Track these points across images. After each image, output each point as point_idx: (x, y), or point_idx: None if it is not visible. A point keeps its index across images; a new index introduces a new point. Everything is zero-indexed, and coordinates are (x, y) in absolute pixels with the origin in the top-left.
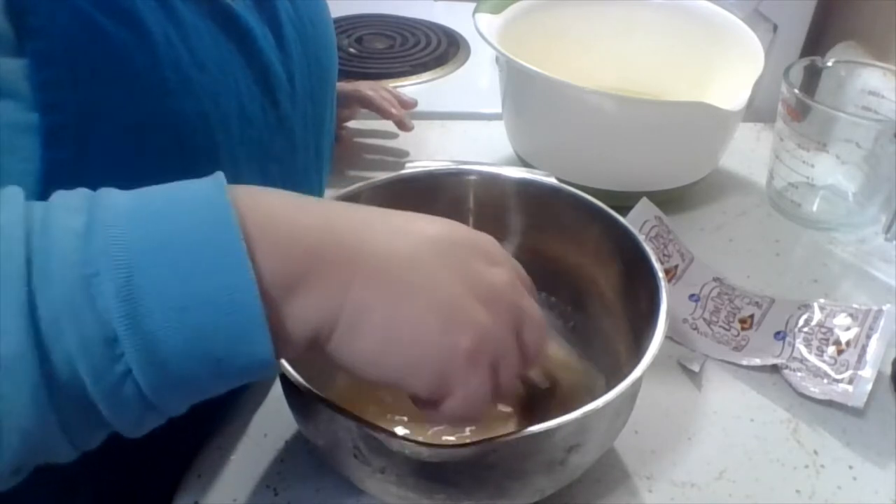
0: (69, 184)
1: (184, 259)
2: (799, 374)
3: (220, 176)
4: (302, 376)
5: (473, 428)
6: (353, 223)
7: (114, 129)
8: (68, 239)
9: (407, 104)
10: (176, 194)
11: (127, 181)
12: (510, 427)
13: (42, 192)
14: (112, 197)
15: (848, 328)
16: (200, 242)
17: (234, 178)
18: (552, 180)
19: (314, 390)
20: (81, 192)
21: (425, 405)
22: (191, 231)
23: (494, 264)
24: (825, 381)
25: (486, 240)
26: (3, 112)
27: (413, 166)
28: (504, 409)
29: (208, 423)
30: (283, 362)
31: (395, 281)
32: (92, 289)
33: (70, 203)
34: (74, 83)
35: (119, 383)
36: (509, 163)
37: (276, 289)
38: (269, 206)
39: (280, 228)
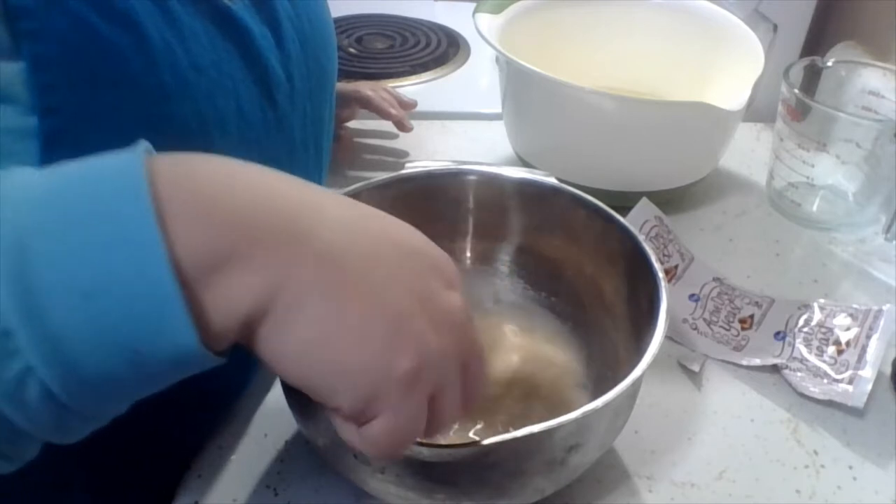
0: None
1: (85, 237)
2: (799, 374)
3: (141, 143)
4: None
5: (481, 426)
6: (307, 201)
7: (111, 132)
8: None
9: (407, 105)
10: (90, 165)
11: None
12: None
13: None
14: (18, 174)
15: (848, 328)
16: (103, 217)
17: None
18: (552, 180)
19: None
20: None
21: (344, 422)
22: (93, 204)
23: (451, 287)
24: (825, 381)
25: (445, 259)
26: (0, 117)
27: (413, 166)
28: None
29: (208, 423)
30: None
31: (342, 277)
32: None
33: None
34: (72, 87)
35: (19, 382)
36: (509, 163)
37: (197, 267)
38: (199, 174)
39: (206, 196)
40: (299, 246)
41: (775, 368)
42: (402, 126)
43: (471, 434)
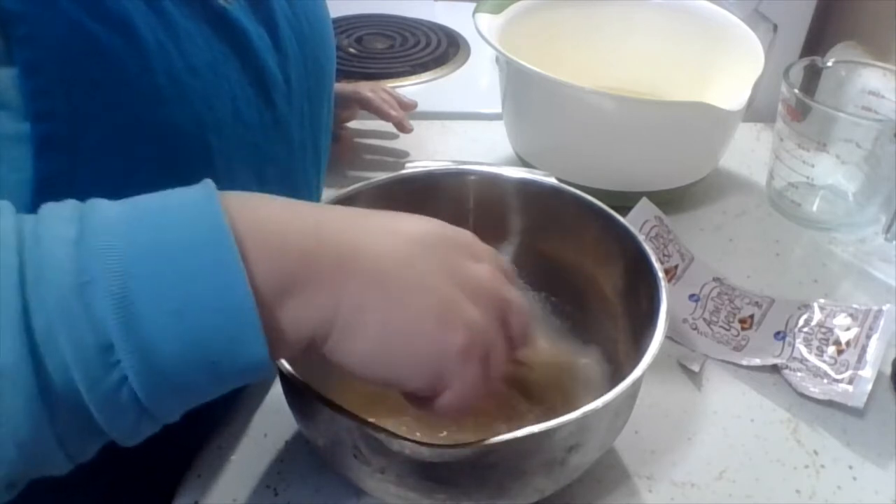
0: (63, 192)
1: (177, 265)
2: (799, 374)
3: (209, 183)
4: (302, 376)
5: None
6: (342, 225)
7: (106, 136)
8: (61, 248)
9: (406, 105)
10: (167, 202)
11: (121, 188)
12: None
13: (35, 201)
14: (102, 207)
15: (848, 328)
16: (194, 248)
17: (230, 181)
18: (552, 180)
19: (314, 390)
20: (71, 203)
21: (419, 402)
22: (184, 238)
23: (478, 260)
24: (825, 381)
25: (466, 236)
26: None
27: (413, 166)
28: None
29: (208, 423)
30: (283, 362)
31: (388, 282)
32: (86, 296)
33: (61, 214)
34: (66, 91)
35: (115, 391)
36: (509, 163)
37: (269, 292)
38: (259, 211)
39: (271, 232)
40: (346, 269)
41: (775, 368)
42: (402, 127)
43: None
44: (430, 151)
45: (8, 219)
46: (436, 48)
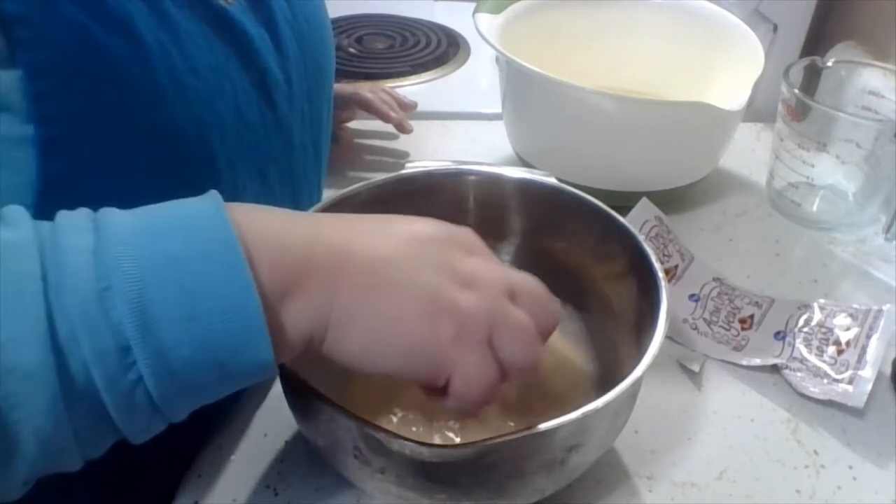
0: (67, 194)
1: (189, 273)
2: (799, 374)
3: (215, 195)
4: (302, 376)
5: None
6: (338, 230)
7: (109, 138)
8: (79, 256)
9: (406, 106)
10: (177, 212)
11: (124, 189)
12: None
13: (40, 203)
14: (115, 216)
15: (848, 328)
16: (205, 257)
17: (231, 182)
18: (552, 180)
19: (314, 390)
20: (85, 213)
21: (434, 394)
22: (195, 247)
23: (472, 254)
24: (825, 381)
25: (463, 233)
26: None
27: (413, 166)
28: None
29: (208, 423)
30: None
31: (377, 280)
32: (105, 302)
33: (76, 223)
34: (69, 94)
35: (131, 390)
36: (509, 163)
37: (273, 297)
38: (261, 221)
39: (272, 240)
40: (339, 270)
41: (775, 368)
42: (402, 128)
43: (471, 434)
44: (430, 151)
45: (27, 228)
46: (436, 48)
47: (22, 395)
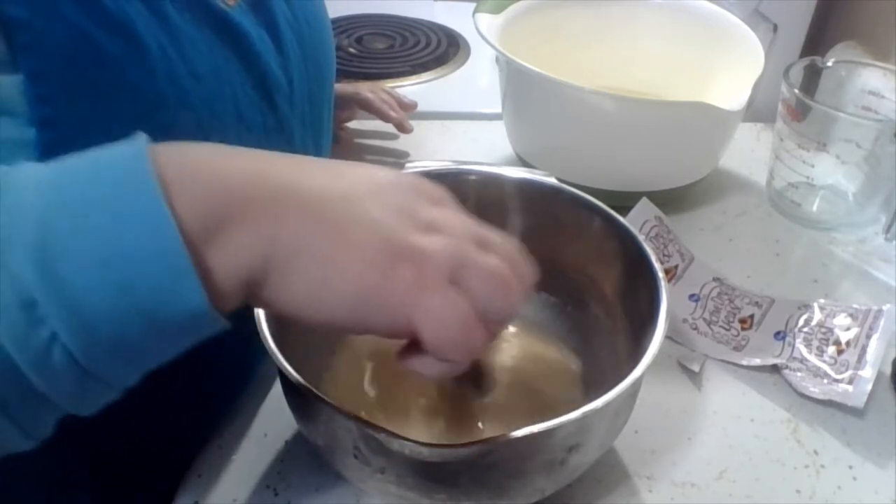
0: None
1: (98, 213)
2: (799, 374)
3: (141, 135)
4: (302, 376)
5: (480, 425)
6: (285, 165)
7: (110, 141)
8: None
9: (407, 106)
10: (93, 154)
11: None
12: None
13: None
14: (25, 166)
15: (848, 328)
16: (114, 194)
17: None
18: (552, 180)
19: (314, 390)
20: None
21: (407, 353)
22: (103, 185)
23: (436, 204)
24: (825, 381)
25: (428, 184)
26: None
27: (413, 166)
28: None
29: (208, 423)
30: (284, 363)
31: (330, 216)
32: (3, 253)
33: None
34: (69, 98)
35: (45, 349)
36: (509, 163)
37: (199, 233)
38: (194, 155)
39: (203, 174)
40: (283, 203)
41: (775, 368)
42: (403, 128)
43: (470, 434)
44: (430, 151)
45: None
46: (436, 48)
47: None
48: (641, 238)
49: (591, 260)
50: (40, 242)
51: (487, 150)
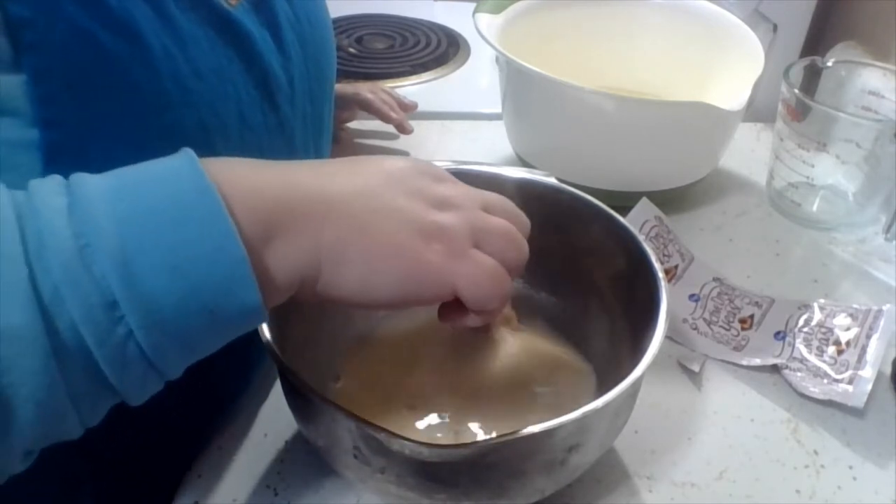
0: None
1: (170, 224)
2: (799, 374)
3: (188, 150)
4: (302, 376)
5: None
6: (309, 173)
7: (113, 142)
8: (55, 217)
9: (407, 107)
10: (149, 169)
11: None
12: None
13: None
14: (87, 178)
15: (848, 328)
16: (183, 207)
17: None
18: (552, 180)
19: (314, 390)
20: (56, 178)
21: (450, 313)
22: (173, 198)
23: (439, 181)
24: (825, 381)
25: (427, 164)
26: (2, 129)
27: None
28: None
29: (208, 423)
30: (285, 363)
31: (357, 214)
32: (86, 258)
33: (49, 187)
34: (73, 98)
35: (122, 345)
36: (509, 163)
37: (254, 240)
38: (236, 171)
39: (248, 187)
40: (318, 211)
41: (775, 368)
42: (403, 129)
43: (470, 433)
44: (430, 151)
45: (2, 196)
46: (436, 48)
47: (11, 358)
48: (641, 238)
49: (592, 260)
50: (121, 251)
51: (487, 150)
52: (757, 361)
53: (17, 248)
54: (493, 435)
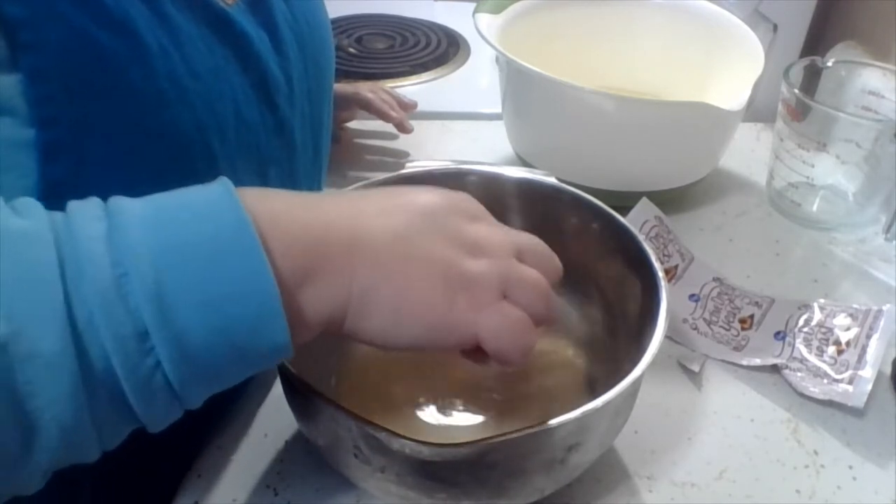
0: (68, 197)
1: (205, 259)
2: (799, 374)
3: (226, 180)
4: (302, 376)
5: (480, 424)
6: (346, 212)
7: (110, 142)
8: (94, 244)
9: (407, 106)
10: (188, 198)
11: (125, 192)
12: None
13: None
14: (126, 204)
15: (848, 328)
16: (218, 241)
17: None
18: (552, 180)
19: (314, 390)
20: (95, 202)
21: (474, 358)
22: (208, 231)
23: (473, 220)
24: (825, 381)
25: (463, 198)
26: None
27: (413, 166)
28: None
29: (208, 423)
30: (285, 363)
31: (390, 258)
32: (122, 288)
33: (87, 211)
34: (70, 97)
35: (149, 376)
36: (509, 163)
37: (290, 281)
38: (273, 207)
39: (285, 226)
40: (354, 254)
41: (775, 368)
42: (403, 128)
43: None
44: (430, 151)
45: (41, 218)
46: (436, 48)
47: (42, 382)
48: (641, 238)
49: (591, 260)
50: (155, 283)
51: (487, 150)
52: (757, 361)
53: (54, 272)
54: (493, 434)
